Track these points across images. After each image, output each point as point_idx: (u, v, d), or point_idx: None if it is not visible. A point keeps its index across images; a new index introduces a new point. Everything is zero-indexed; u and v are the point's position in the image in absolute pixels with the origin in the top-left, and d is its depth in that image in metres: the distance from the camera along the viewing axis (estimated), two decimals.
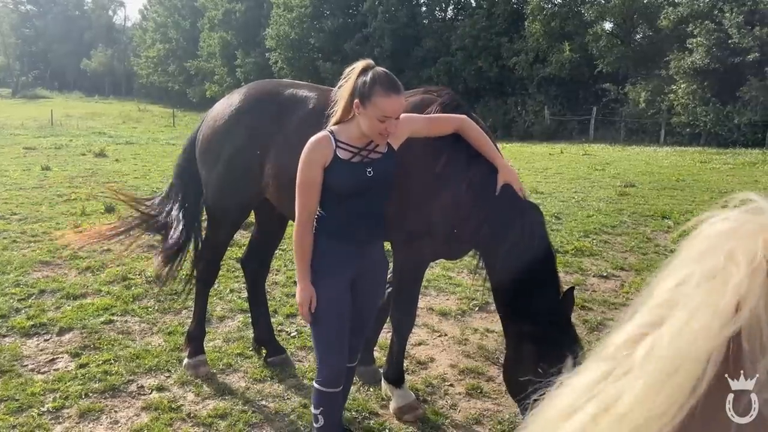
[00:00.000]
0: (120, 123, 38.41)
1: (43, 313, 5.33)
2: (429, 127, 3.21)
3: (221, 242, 4.48)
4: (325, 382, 2.99)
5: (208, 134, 4.27)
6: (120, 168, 14.54)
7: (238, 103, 4.16)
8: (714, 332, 0.92)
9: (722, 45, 24.54)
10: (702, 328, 0.93)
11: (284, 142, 3.84)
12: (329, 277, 2.91)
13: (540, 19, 31.95)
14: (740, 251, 0.98)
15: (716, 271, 0.98)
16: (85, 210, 9.20)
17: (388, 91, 2.72)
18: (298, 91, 4.06)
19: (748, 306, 0.92)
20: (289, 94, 4.04)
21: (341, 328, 2.95)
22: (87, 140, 21.82)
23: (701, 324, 0.93)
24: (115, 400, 4.02)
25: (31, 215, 8.97)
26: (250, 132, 4.02)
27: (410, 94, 3.67)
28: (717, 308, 0.94)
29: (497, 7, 34.47)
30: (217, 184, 4.22)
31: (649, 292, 1.06)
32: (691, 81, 25.77)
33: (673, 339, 0.95)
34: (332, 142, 2.83)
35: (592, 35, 30.11)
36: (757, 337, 0.93)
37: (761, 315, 0.92)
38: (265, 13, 42.99)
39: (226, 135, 4.12)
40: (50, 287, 5.95)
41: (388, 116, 2.73)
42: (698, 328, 0.93)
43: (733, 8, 24.44)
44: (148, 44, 62.89)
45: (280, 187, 3.87)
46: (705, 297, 0.96)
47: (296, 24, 38.25)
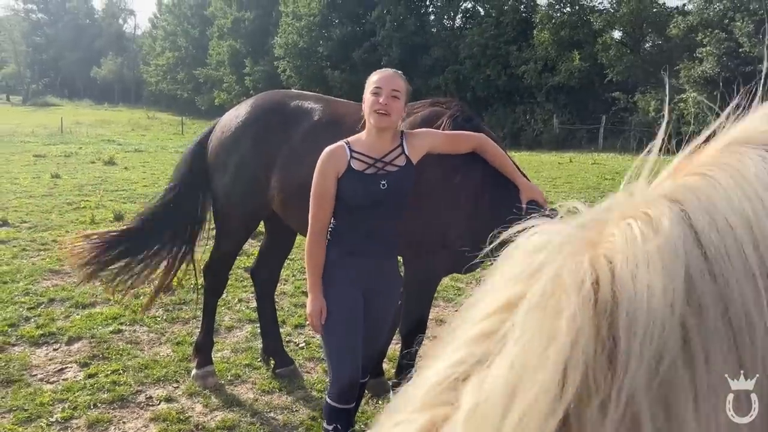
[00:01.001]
0: (129, 131, 38.61)
1: (53, 322, 5.33)
2: (448, 144, 3.17)
3: (229, 253, 4.47)
4: (337, 397, 2.93)
5: (215, 145, 4.27)
6: (129, 176, 14.58)
7: (245, 115, 4.17)
8: (554, 393, 0.79)
9: (732, 54, 24.46)
10: (541, 389, 0.79)
11: (290, 154, 3.84)
12: (341, 289, 2.87)
13: (549, 28, 31.95)
14: (567, 274, 0.87)
15: (544, 300, 0.86)
16: (94, 218, 9.22)
17: (378, 71, 2.87)
18: (304, 102, 4.06)
19: (581, 347, 0.80)
20: (296, 106, 4.04)
21: (353, 341, 2.90)
22: (96, 148, 21.93)
23: (540, 382, 0.80)
24: (123, 411, 4.01)
25: (41, 223, 8.99)
26: (257, 143, 4.02)
27: (419, 106, 3.65)
28: (554, 357, 0.80)
29: (506, 15, 34.49)
30: (224, 195, 4.21)
31: (463, 318, 0.93)
32: (701, 90, 25.67)
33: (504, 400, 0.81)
34: (347, 153, 2.81)
35: (601, 44, 30.07)
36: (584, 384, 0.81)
37: (590, 356, 0.81)
38: (274, 22, 43.19)
39: (233, 146, 4.12)
40: (59, 296, 5.95)
41: (379, 86, 2.76)
42: (537, 388, 0.79)
43: (744, 17, 24.36)
44: (157, 52, 63.30)
45: (286, 198, 3.86)
46: (535, 337, 0.83)
47: (305, 32, 38.39)
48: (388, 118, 2.77)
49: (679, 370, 0.83)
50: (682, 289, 0.85)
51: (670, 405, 0.83)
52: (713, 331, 0.84)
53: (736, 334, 0.85)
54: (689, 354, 0.84)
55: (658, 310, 0.82)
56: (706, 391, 0.83)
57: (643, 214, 0.92)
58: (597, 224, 0.95)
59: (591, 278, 0.85)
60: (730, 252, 0.88)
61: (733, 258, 0.87)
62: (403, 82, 2.85)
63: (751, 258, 0.87)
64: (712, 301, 0.85)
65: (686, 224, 0.89)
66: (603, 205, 0.98)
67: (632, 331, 0.82)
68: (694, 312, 0.85)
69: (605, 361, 0.81)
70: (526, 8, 35.49)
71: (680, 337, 0.83)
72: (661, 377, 0.83)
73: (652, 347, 0.81)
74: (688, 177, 0.98)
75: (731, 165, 0.95)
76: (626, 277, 0.85)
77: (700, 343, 0.84)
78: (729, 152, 0.99)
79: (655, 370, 0.81)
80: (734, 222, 0.89)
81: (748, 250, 0.88)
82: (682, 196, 0.93)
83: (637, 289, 0.84)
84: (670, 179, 1.00)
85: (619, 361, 0.80)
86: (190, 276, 4.58)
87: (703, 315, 0.85)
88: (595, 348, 0.81)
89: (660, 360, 0.81)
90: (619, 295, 0.84)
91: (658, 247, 0.86)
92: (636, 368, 0.80)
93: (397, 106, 2.78)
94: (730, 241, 0.88)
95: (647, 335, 0.81)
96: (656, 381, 0.82)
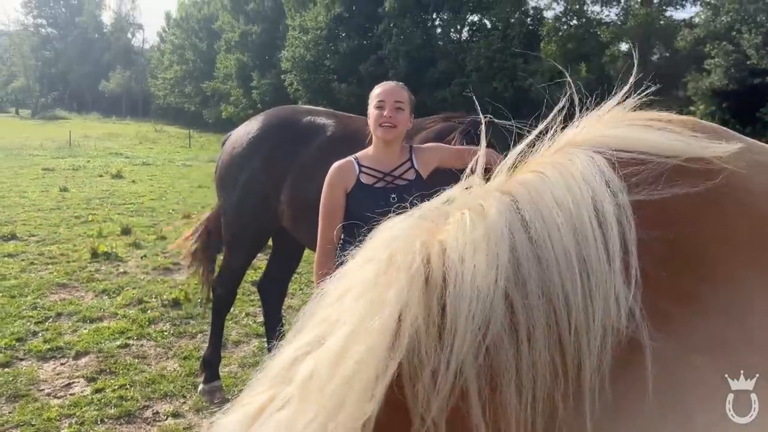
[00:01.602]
0: (137, 144, 38.75)
1: (60, 336, 5.32)
2: (456, 159, 3.15)
3: (239, 267, 4.45)
4: None
5: (226, 161, 4.27)
6: (136, 189, 14.62)
7: (256, 131, 4.16)
8: (379, 355, 0.85)
9: (740, 66, 24.40)
10: (367, 351, 0.85)
11: (301, 170, 3.83)
12: None
13: (556, 41, 31.99)
14: (399, 255, 0.93)
15: (377, 279, 0.93)
16: (102, 232, 9.24)
17: (380, 84, 2.88)
18: (315, 118, 4.05)
19: (410, 319, 0.86)
20: (307, 122, 4.03)
21: None
22: (104, 161, 22.02)
23: (366, 346, 0.86)
24: (130, 426, 3.98)
25: (48, 237, 9.01)
26: (267, 159, 4.01)
27: (431, 121, 3.63)
28: (380, 325, 0.87)
29: (512, 28, 34.55)
30: (234, 210, 4.20)
31: (316, 305, 1.00)
32: (709, 102, 25.61)
33: (333, 365, 0.87)
34: (355, 167, 2.80)
35: (609, 57, 30.06)
36: (415, 353, 0.86)
37: (420, 327, 0.86)
38: (281, 35, 43.37)
39: (244, 161, 4.12)
40: (67, 310, 5.94)
41: (382, 100, 2.76)
42: (362, 351, 0.86)
43: (752, 29, 24.32)
44: (165, 66, 63.64)
45: (296, 214, 3.84)
46: (366, 310, 0.90)
47: (312, 46, 38.54)
48: (394, 130, 2.77)
49: (505, 343, 0.88)
50: (507, 268, 0.91)
51: (494, 376, 0.87)
52: (536, 308, 0.90)
53: (556, 313, 0.91)
54: (514, 329, 0.89)
55: (482, 286, 0.88)
56: (527, 367, 0.88)
57: (478, 205, 1.01)
58: (437, 215, 1.05)
59: (421, 258, 0.92)
60: (553, 237, 0.96)
61: (555, 243, 0.95)
62: (405, 92, 2.86)
63: (569, 243, 0.95)
64: (536, 282, 0.92)
65: (514, 212, 0.99)
66: (442, 198, 1.13)
67: (459, 305, 0.87)
68: (520, 290, 0.91)
69: (436, 333, 0.86)
70: (532, 21, 35.56)
71: (505, 313, 0.89)
72: (487, 350, 0.87)
73: (477, 320, 0.86)
74: (523, 174, 1.10)
75: (560, 163, 1.07)
76: (455, 258, 0.92)
77: (525, 320, 0.90)
78: (561, 153, 1.11)
79: (481, 342, 0.86)
80: (557, 211, 0.98)
81: (568, 237, 0.96)
82: (514, 189, 1.04)
83: (465, 268, 0.90)
84: (506, 176, 1.12)
85: (447, 333, 0.85)
86: (197, 290, 4.58)
87: (528, 293, 0.91)
88: (426, 320, 0.86)
89: (486, 333, 0.86)
90: (449, 274, 0.91)
91: (486, 231, 0.94)
92: (462, 339, 0.85)
93: (401, 117, 2.78)
94: (553, 228, 0.96)
95: (471, 309, 0.86)
96: (482, 353, 0.86)
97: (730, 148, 1.11)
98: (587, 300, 0.91)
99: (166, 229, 9.78)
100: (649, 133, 1.13)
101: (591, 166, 1.03)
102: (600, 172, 1.01)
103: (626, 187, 1.01)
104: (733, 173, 1.07)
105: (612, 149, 1.08)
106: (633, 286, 0.93)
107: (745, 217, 1.05)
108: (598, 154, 1.07)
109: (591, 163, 1.03)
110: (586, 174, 1.01)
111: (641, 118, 1.21)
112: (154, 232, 9.54)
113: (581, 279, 0.92)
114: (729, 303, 0.96)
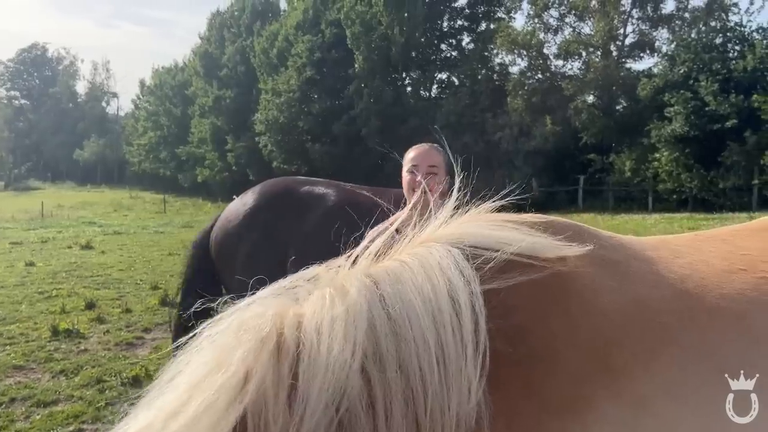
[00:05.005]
0: (111, 211, 38.56)
1: (12, 423, 5.13)
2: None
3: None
4: None
5: (220, 237, 4.11)
6: (105, 260, 14.44)
7: (253, 202, 4.04)
8: (218, 412, 0.86)
9: (700, 113, 25.09)
10: (205, 406, 0.87)
11: (304, 241, 3.73)
12: None
13: (521, 95, 32.74)
14: (251, 320, 0.97)
15: (226, 340, 0.96)
16: (65, 308, 9.05)
17: (414, 147, 2.82)
18: (314, 188, 3.97)
19: (256, 380, 0.88)
20: (306, 191, 3.96)
21: None
22: (76, 231, 21.81)
23: (205, 401, 0.88)
24: None
25: (9, 315, 8.80)
26: (268, 229, 3.89)
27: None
28: (223, 382, 0.89)
29: (480, 84, 35.37)
30: (239, 286, 4.09)
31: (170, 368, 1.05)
32: (673, 149, 26.20)
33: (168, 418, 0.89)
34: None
35: (573, 109, 30.79)
36: (261, 416, 0.86)
37: (268, 391, 0.88)
38: (254, 99, 43.87)
39: (243, 233, 3.97)
40: (21, 394, 5.76)
41: (415, 164, 2.70)
42: (200, 405, 0.87)
43: (708, 77, 25.13)
44: (140, 132, 63.86)
45: None
46: (210, 368, 0.92)
47: (285, 108, 38.99)
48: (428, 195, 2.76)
49: (361, 419, 0.88)
50: (365, 342, 0.93)
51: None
52: (393, 382, 0.92)
53: (413, 390, 0.93)
54: (371, 405, 0.90)
55: (339, 358, 0.89)
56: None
57: (341, 285, 1.06)
58: (300, 291, 1.10)
59: (273, 325, 0.94)
60: (412, 318, 0.99)
61: (414, 323, 0.98)
62: (440, 155, 2.79)
63: (427, 326, 0.99)
64: (394, 357, 0.94)
65: (375, 292, 1.03)
66: (307, 275, 1.17)
67: (312, 375, 0.88)
68: (377, 365, 0.93)
69: (285, 400, 0.87)
70: (498, 77, 36.44)
71: (362, 387, 0.90)
72: (341, 423, 0.87)
73: (331, 391, 0.86)
74: (386, 262, 1.17)
75: (421, 254, 1.14)
76: (311, 330, 0.94)
77: (382, 394, 0.90)
78: (421, 246, 1.19)
79: (334, 415, 0.86)
80: (416, 295, 1.03)
81: (426, 319, 1.00)
82: (376, 273, 1.10)
83: (321, 340, 0.92)
84: (370, 261, 1.18)
85: (298, 402, 0.86)
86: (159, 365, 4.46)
87: (386, 367, 0.92)
88: (275, 385, 0.87)
89: (339, 405, 0.86)
90: (304, 344, 0.92)
91: (346, 307, 0.97)
92: (314, 410, 0.85)
93: (435, 181, 2.70)
94: (412, 309, 1.00)
95: (326, 380, 0.87)
96: (333, 426, 0.86)
97: (579, 250, 1.18)
98: (443, 387, 0.93)
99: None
100: (503, 231, 1.21)
101: (447, 257, 1.09)
102: (455, 263, 1.08)
103: (478, 277, 1.08)
104: (578, 272, 1.14)
105: (468, 245, 1.15)
106: (483, 376, 0.96)
107: (587, 316, 1.11)
108: (455, 248, 1.14)
109: (448, 255, 1.10)
110: (443, 264, 1.07)
111: (498, 218, 1.31)
112: (119, 305, 9.37)
113: (438, 365, 0.94)
114: (572, 400, 1.01)
